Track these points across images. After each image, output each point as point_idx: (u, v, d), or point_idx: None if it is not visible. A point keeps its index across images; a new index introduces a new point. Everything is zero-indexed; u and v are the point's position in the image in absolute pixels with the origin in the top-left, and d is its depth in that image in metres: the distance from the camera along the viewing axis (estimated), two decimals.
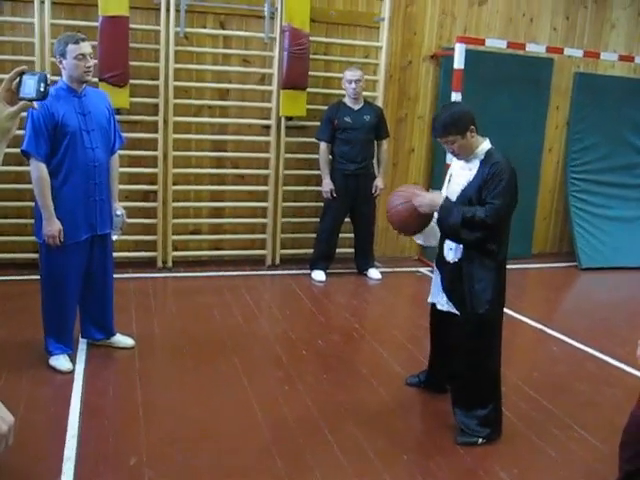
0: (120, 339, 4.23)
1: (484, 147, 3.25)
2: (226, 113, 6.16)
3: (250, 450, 3.15)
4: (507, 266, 3.34)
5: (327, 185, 5.90)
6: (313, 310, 5.27)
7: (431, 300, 3.62)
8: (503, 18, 6.86)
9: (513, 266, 6.40)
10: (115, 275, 4.20)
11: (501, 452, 3.26)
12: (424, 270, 6.46)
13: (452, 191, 3.35)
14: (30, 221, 4.88)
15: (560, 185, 7.45)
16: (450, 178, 3.47)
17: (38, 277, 3.93)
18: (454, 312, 3.38)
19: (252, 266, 6.25)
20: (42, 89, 1.61)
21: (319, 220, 6.14)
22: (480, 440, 3.28)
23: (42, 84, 1.61)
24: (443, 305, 3.48)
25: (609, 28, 7.29)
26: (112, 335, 4.21)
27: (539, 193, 7.32)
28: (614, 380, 4.21)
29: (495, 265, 3.23)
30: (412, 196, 3.32)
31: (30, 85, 1.60)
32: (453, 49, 6.00)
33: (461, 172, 3.33)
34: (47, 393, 3.64)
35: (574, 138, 7.24)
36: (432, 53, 6.66)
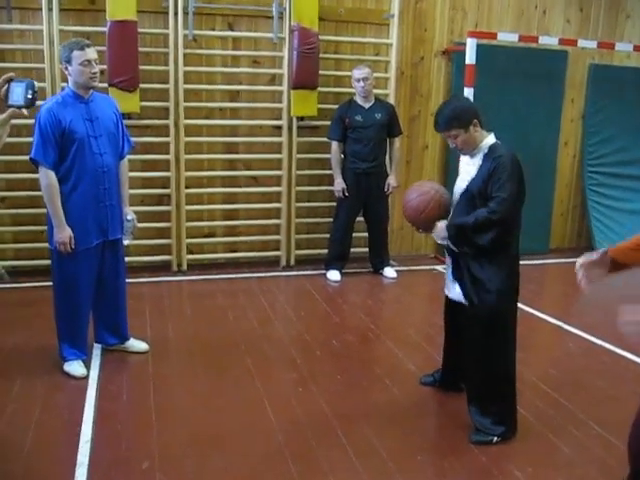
0: (134, 344, 4.24)
1: (488, 141, 3.21)
2: (237, 115, 6.15)
3: (263, 454, 3.14)
4: (524, 262, 3.29)
5: (339, 184, 5.87)
6: (328, 310, 5.24)
7: (446, 291, 3.57)
8: (514, 11, 6.79)
9: (530, 262, 6.42)
10: (130, 279, 4.22)
11: (516, 451, 3.21)
12: (440, 268, 6.39)
13: (458, 187, 3.31)
14: (45, 228, 4.90)
15: (577, 179, 7.35)
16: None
17: (51, 283, 3.95)
18: (465, 303, 3.33)
19: (267, 267, 6.25)
20: (30, 96, 1.60)
21: (332, 220, 6.12)
22: (495, 439, 3.24)
23: (30, 91, 1.61)
24: (455, 295, 3.43)
25: (624, 18, 7.18)
26: (126, 340, 4.22)
27: (556, 188, 7.24)
28: (632, 376, 4.14)
29: (503, 256, 3.17)
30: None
31: (18, 93, 1.59)
32: (464, 44, 5.95)
33: (466, 167, 3.29)
34: (61, 399, 3.66)
35: (590, 131, 7.15)
36: (443, 49, 6.61)
